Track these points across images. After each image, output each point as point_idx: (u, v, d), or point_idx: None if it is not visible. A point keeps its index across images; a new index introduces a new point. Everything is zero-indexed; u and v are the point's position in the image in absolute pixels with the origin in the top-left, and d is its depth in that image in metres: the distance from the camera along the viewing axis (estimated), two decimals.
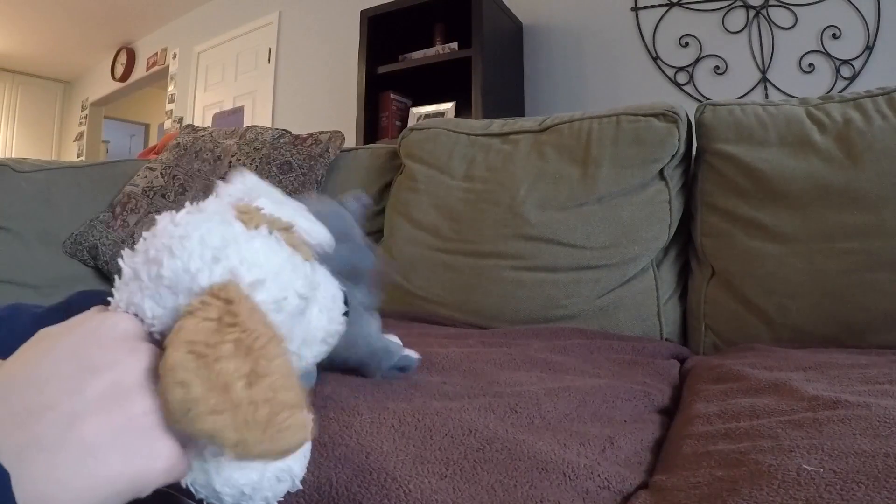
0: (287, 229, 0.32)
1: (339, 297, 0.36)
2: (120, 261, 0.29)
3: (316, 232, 0.35)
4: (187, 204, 0.30)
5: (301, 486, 0.33)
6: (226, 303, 0.27)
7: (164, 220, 0.29)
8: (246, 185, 0.35)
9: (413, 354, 0.58)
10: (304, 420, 0.27)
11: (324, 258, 0.36)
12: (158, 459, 0.25)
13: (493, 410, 0.49)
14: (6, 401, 0.23)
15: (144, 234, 0.29)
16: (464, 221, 1.07)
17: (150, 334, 0.28)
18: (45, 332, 0.27)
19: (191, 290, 0.27)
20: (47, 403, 0.23)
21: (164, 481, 0.26)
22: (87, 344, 0.26)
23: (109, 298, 0.30)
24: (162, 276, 0.27)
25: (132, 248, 0.29)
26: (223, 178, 0.32)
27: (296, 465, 0.33)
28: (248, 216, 0.30)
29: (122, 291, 0.29)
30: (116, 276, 0.29)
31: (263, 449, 0.25)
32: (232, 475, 0.29)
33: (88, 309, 0.30)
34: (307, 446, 0.34)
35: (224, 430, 0.24)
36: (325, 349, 0.37)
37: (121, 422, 0.24)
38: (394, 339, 0.61)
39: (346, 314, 0.38)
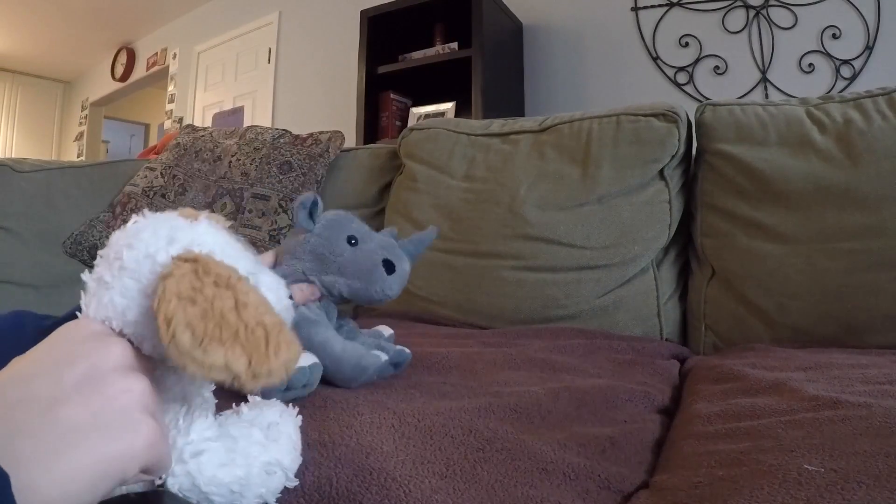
0: (226, 224, 0.36)
1: (283, 284, 0.37)
2: (83, 277, 0.31)
3: (276, 285, 0.37)
4: (133, 216, 0.33)
5: (297, 480, 0.34)
6: (193, 261, 0.29)
7: (115, 233, 0.32)
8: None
9: (406, 350, 0.58)
10: (293, 336, 0.29)
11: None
12: (139, 436, 0.26)
13: (493, 410, 0.49)
14: None
15: (100, 252, 0.32)
16: (464, 221, 1.07)
17: (121, 333, 0.30)
18: (31, 349, 0.28)
19: (153, 271, 0.30)
20: (29, 395, 0.24)
21: (147, 460, 0.26)
22: (62, 343, 0.28)
23: (77, 312, 0.32)
24: (124, 269, 0.30)
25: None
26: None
27: (284, 457, 0.33)
28: (188, 213, 0.34)
29: (89, 304, 0.31)
30: (82, 293, 0.31)
31: (270, 365, 0.27)
32: (216, 474, 0.30)
33: None
34: (296, 440, 0.35)
35: (234, 357, 0.26)
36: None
37: (99, 404, 0.25)
38: (384, 330, 0.61)
39: (290, 298, 0.40)
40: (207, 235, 0.33)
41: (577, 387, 0.57)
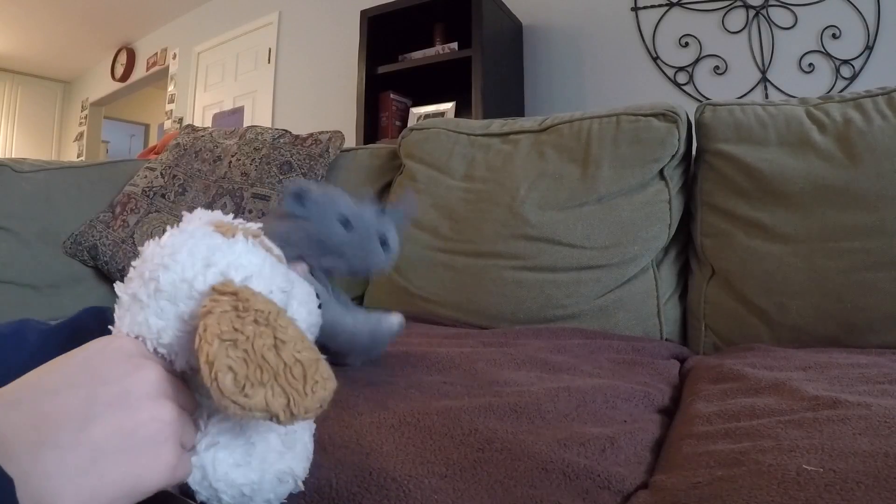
0: (256, 236, 0.36)
1: (313, 292, 0.39)
2: (117, 288, 0.31)
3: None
4: (167, 228, 0.33)
5: (303, 488, 0.34)
6: (232, 295, 0.30)
7: (150, 245, 0.32)
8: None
9: (395, 317, 0.59)
10: (329, 370, 0.30)
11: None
12: (162, 463, 0.27)
13: (493, 410, 0.49)
14: (20, 406, 0.25)
15: (133, 263, 0.32)
16: (464, 221, 1.07)
17: (155, 351, 0.31)
18: (57, 358, 0.28)
19: (190, 296, 0.30)
20: (60, 408, 0.25)
21: (167, 484, 0.27)
22: (97, 360, 0.28)
23: (110, 327, 0.32)
24: (161, 291, 0.30)
25: (122, 278, 0.32)
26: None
27: (298, 465, 0.33)
28: (225, 228, 0.34)
29: (123, 318, 0.31)
30: (116, 307, 0.31)
31: (307, 404, 0.28)
32: (229, 474, 0.30)
33: (95, 325, 0.32)
34: (311, 449, 0.35)
35: (274, 398, 0.27)
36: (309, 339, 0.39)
37: (129, 427, 0.26)
38: (396, 317, 0.62)
39: (319, 307, 0.41)
40: (244, 257, 0.33)
41: (577, 387, 0.57)
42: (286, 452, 0.33)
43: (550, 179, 1.04)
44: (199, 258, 0.31)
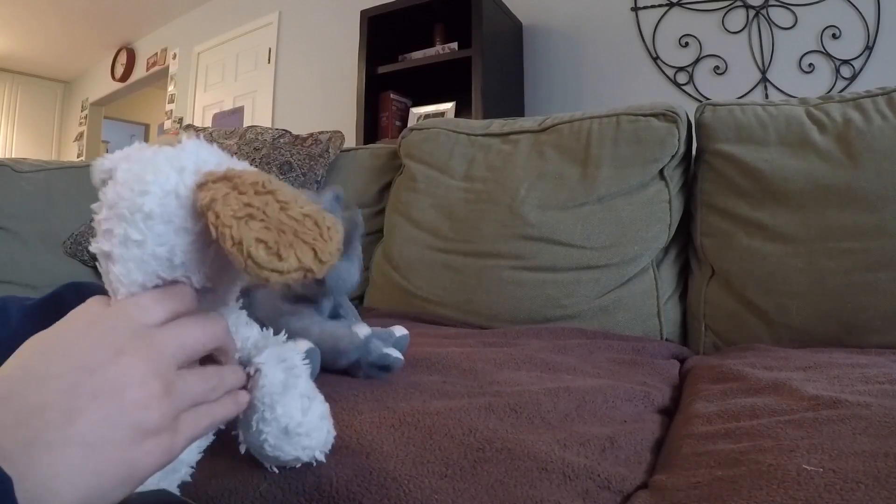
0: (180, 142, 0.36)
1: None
2: (95, 247, 0.30)
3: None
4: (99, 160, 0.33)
5: (324, 460, 0.36)
6: (223, 178, 0.30)
7: (108, 189, 0.31)
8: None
9: (394, 353, 0.58)
10: (332, 217, 0.31)
11: None
12: (155, 447, 0.27)
13: (493, 410, 0.49)
14: (7, 402, 0.25)
15: (97, 217, 0.31)
16: (464, 221, 1.07)
17: (166, 281, 0.30)
18: (40, 335, 0.28)
19: (181, 206, 0.30)
20: (46, 402, 0.25)
21: (157, 469, 0.27)
22: (79, 345, 0.27)
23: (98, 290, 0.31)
24: (151, 216, 0.29)
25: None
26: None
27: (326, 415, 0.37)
28: (168, 140, 0.34)
29: (121, 275, 0.30)
30: (100, 265, 0.31)
31: (331, 249, 0.29)
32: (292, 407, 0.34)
33: (76, 300, 0.31)
34: (331, 433, 0.37)
35: (304, 254, 0.28)
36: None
37: (116, 417, 0.26)
38: (397, 330, 0.61)
39: None
40: (203, 151, 0.32)
41: (577, 387, 0.57)
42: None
43: (550, 179, 1.04)
44: (167, 169, 0.30)
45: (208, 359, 0.32)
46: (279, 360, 0.35)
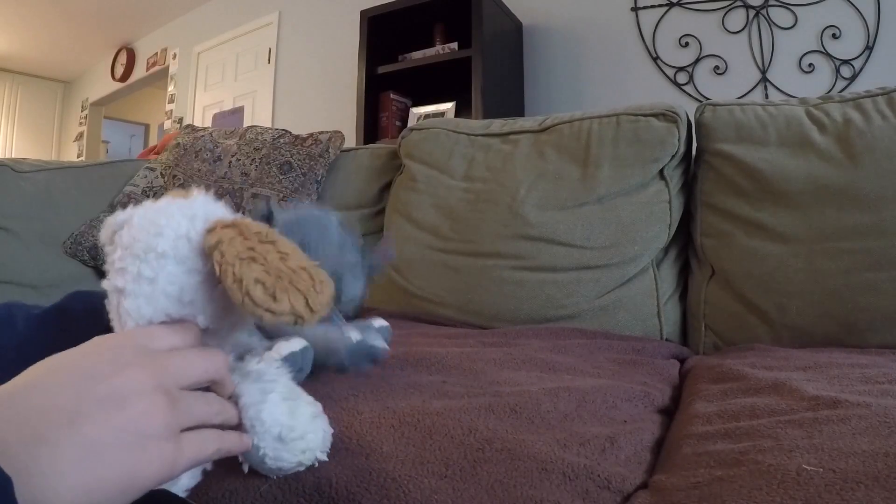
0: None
1: None
2: (105, 286, 0.33)
3: None
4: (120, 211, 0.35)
5: (333, 430, 0.37)
6: (231, 225, 0.33)
7: (124, 234, 0.33)
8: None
9: (381, 344, 0.58)
10: (325, 273, 0.33)
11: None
12: (157, 458, 0.27)
13: (493, 410, 0.49)
14: (13, 404, 0.25)
15: (109, 259, 0.34)
16: (464, 221, 1.07)
17: (174, 319, 0.33)
18: (50, 358, 0.29)
19: (192, 249, 0.33)
20: (52, 404, 0.25)
21: (158, 481, 0.27)
22: (86, 360, 0.28)
23: (104, 300, 0.33)
24: (164, 256, 0.32)
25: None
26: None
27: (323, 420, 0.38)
28: (180, 193, 0.37)
29: (127, 306, 0.32)
30: (109, 302, 0.33)
31: (321, 300, 0.31)
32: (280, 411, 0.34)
33: (82, 309, 0.32)
34: (328, 432, 0.38)
35: (296, 301, 0.30)
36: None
37: (120, 423, 0.26)
38: (374, 322, 0.61)
39: None
40: (211, 205, 0.36)
41: (577, 387, 0.57)
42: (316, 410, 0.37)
43: (550, 179, 1.04)
44: (180, 217, 0.33)
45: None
46: (244, 375, 0.36)
